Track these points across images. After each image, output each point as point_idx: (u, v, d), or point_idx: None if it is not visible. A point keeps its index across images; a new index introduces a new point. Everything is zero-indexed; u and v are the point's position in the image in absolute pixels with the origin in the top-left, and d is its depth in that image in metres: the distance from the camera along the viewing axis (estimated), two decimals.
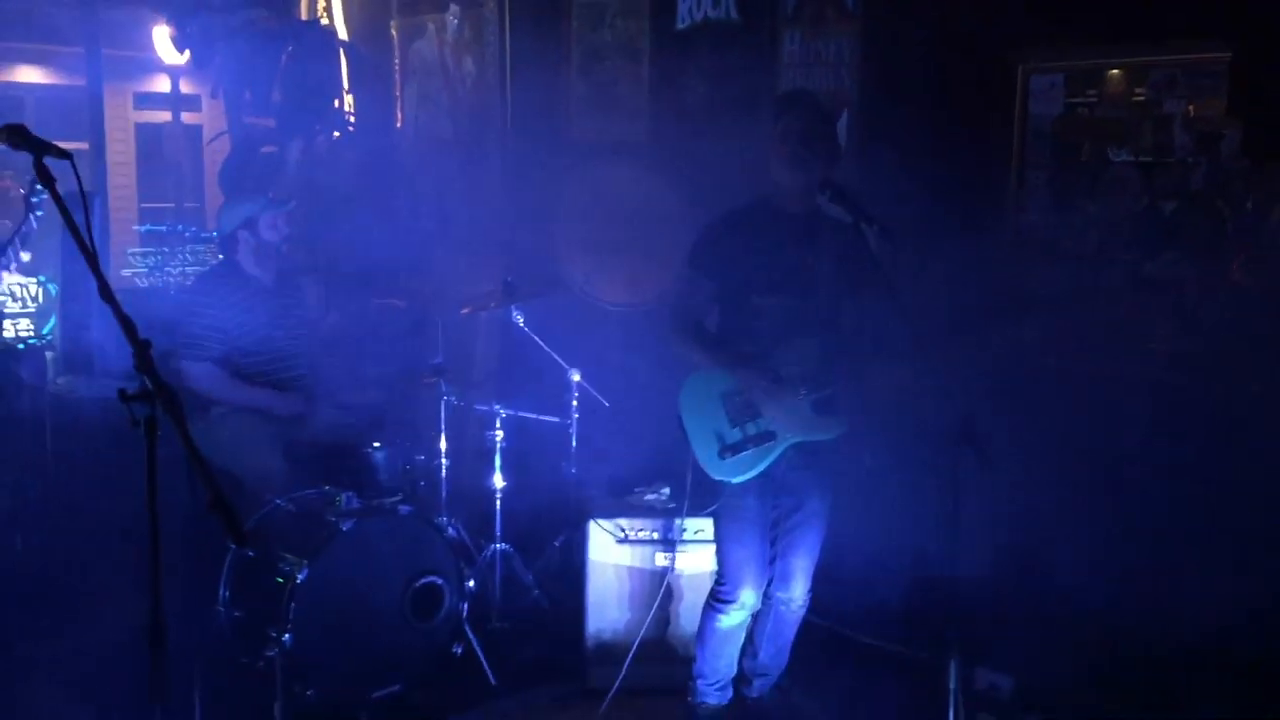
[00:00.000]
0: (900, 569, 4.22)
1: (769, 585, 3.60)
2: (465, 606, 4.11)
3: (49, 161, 2.57)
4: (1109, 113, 4.06)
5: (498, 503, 4.58)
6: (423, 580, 3.94)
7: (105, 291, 2.39)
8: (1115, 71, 4.05)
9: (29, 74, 11.38)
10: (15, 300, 5.92)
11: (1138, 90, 3.99)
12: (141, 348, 2.31)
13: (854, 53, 4.65)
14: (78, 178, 2.58)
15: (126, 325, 2.35)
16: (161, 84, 9.52)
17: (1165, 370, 3.87)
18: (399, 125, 6.98)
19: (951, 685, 3.01)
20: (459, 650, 4.08)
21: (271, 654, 3.58)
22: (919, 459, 3.58)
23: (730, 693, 3.76)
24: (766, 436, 3.44)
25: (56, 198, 2.55)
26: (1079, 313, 3.99)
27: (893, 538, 4.11)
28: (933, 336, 3.34)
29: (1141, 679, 3.71)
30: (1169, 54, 3.90)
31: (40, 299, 6.09)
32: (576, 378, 4.74)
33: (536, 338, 4.73)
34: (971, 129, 4.29)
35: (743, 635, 3.69)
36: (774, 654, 3.75)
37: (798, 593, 3.62)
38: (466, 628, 4.12)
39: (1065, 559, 3.83)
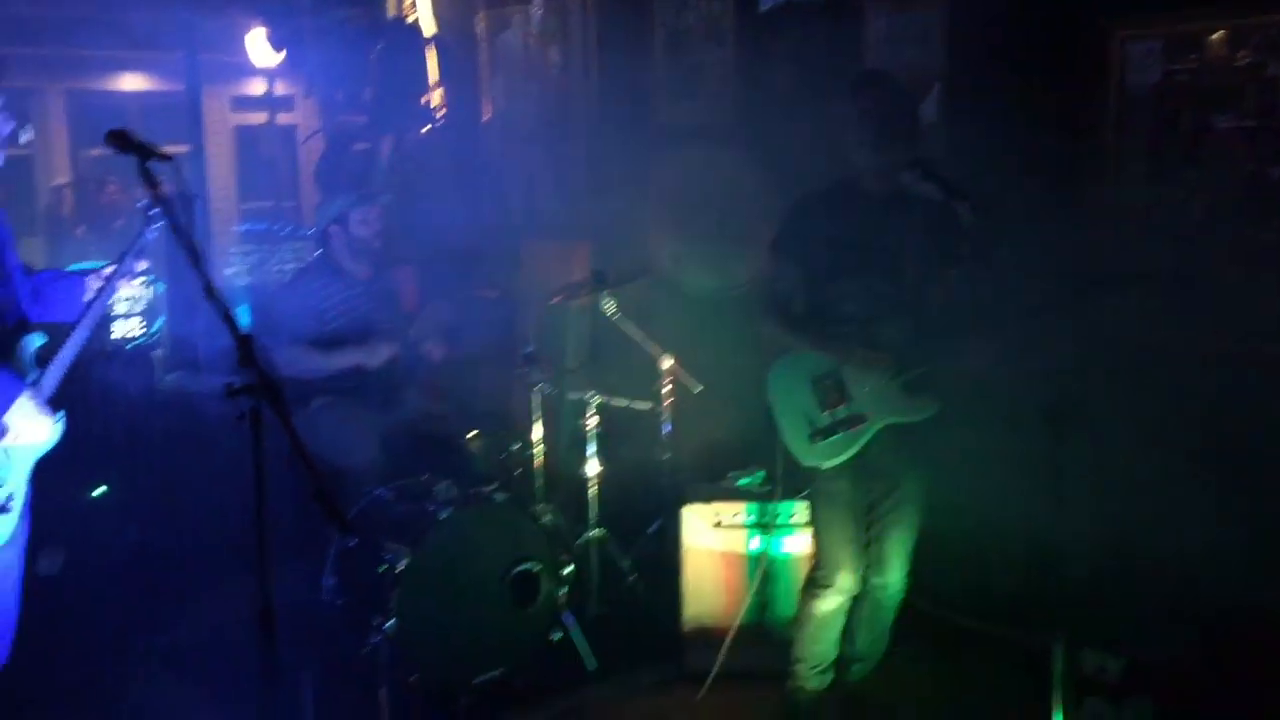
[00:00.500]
0: (1004, 551, 4.15)
1: (865, 570, 3.58)
2: (563, 592, 4.16)
3: (152, 165, 2.67)
4: (1210, 79, 3.92)
5: (592, 489, 4.62)
6: (521, 567, 3.98)
7: (209, 290, 2.47)
8: (1216, 35, 3.91)
9: (131, 81, 11.76)
10: (125, 300, 6.12)
11: (1240, 53, 3.85)
12: (244, 343, 2.39)
13: (942, 27, 4.56)
14: (180, 180, 2.66)
15: (229, 322, 2.43)
16: (257, 86, 9.75)
17: (1275, 344, 3.74)
18: (487, 118, 7.05)
19: (1057, 668, 2.96)
20: (557, 635, 4.13)
21: (376, 640, 3.67)
22: (1020, 438, 3.51)
23: (831, 676, 3.73)
24: (857, 419, 3.41)
25: (161, 200, 2.64)
26: (1182, 286, 3.86)
27: (995, 519, 4.04)
28: (1029, 313, 3.28)
29: (1253, 660, 3.59)
30: (1272, 14, 3.75)
31: (149, 298, 6.29)
32: (668, 363, 4.75)
33: (628, 325, 4.75)
34: (1066, 100, 4.17)
35: (842, 619, 3.66)
36: (872, 639, 3.72)
37: (894, 578, 3.57)
38: (564, 613, 4.17)
39: (1173, 539, 3.72)
